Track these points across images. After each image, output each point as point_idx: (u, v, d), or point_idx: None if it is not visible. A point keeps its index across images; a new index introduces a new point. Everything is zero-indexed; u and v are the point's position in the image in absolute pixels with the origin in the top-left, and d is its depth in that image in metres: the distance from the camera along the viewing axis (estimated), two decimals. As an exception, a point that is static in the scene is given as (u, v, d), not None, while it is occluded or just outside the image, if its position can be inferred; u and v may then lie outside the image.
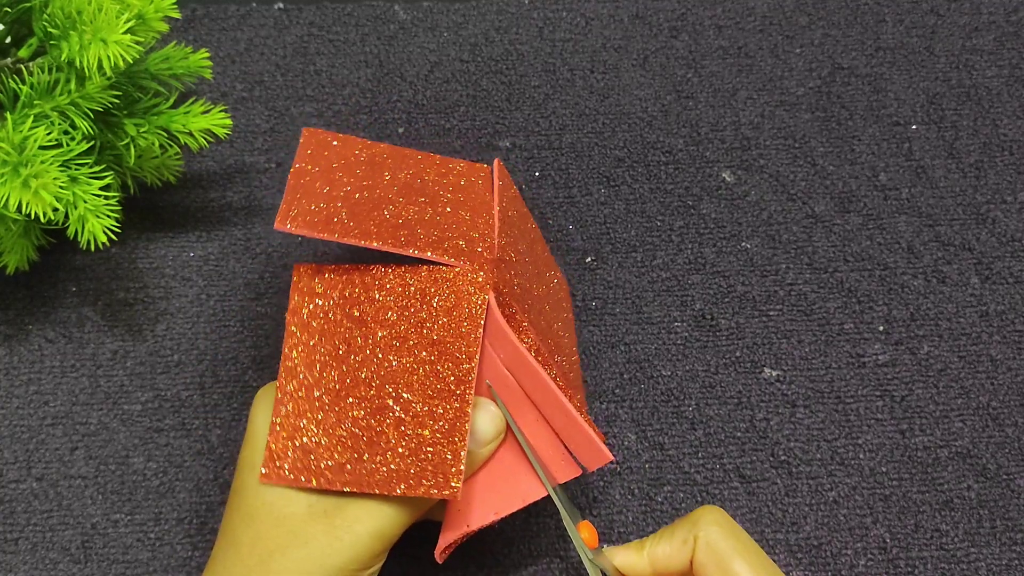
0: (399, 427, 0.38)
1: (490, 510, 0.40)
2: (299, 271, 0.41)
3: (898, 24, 0.64)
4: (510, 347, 0.40)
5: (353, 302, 0.41)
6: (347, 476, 0.38)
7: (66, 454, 0.50)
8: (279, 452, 0.38)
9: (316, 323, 0.40)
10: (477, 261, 0.41)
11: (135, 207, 0.56)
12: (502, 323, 0.40)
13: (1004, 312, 0.54)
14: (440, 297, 0.40)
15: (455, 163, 0.46)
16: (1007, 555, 0.48)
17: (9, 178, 0.42)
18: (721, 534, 0.38)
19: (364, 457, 0.38)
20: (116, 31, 0.43)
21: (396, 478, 0.37)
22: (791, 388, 0.52)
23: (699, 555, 0.38)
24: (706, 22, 0.64)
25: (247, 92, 0.61)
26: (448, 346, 0.39)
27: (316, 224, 0.40)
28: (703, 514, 0.39)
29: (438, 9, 0.64)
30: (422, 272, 0.40)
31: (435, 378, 0.39)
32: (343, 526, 0.37)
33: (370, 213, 0.41)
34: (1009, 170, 0.59)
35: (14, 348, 0.52)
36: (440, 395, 0.39)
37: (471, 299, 0.40)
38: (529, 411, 0.41)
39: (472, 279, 0.40)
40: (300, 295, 0.41)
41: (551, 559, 0.48)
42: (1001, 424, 0.51)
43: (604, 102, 0.61)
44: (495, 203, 0.44)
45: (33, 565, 0.47)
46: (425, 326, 0.40)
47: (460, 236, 0.42)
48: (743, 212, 0.57)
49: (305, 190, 0.42)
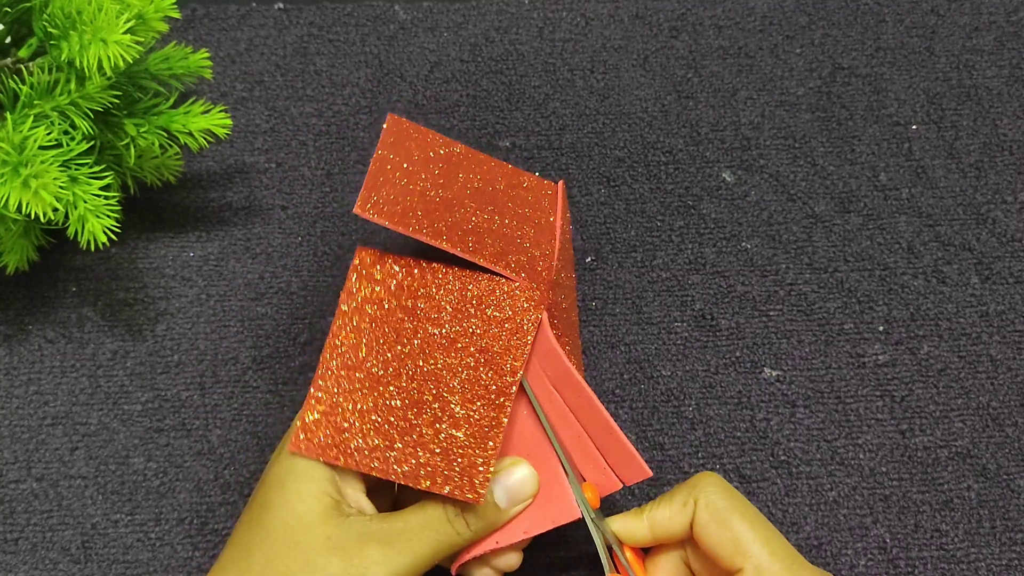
0: (434, 424, 0.39)
1: (520, 529, 0.40)
2: (361, 254, 0.42)
3: (898, 24, 0.64)
4: (560, 365, 0.40)
5: (410, 294, 0.41)
6: (374, 461, 0.38)
7: (66, 454, 0.50)
8: (312, 425, 0.39)
9: (369, 307, 0.41)
10: (536, 279, 0.42)
11: (135, 207, 0.56)
12: (553, 342, 0.40)
13: (1004, 312, 0.54)
14: (495, 307, 0.41)
15: (526, 176, 0.47)
16: (1007, 555, 0.48)
17: (9, 178, 0.42)
18: (720, 495, 0.39)
19: (395, 446, 0.38)
20: (116, 31, 0.43)
21: (424, 474, 0.38)
22: (791, 388, 0.52)
23: (700, 515, 0.39)
24: (706, 22, 0.64)
25: (247, 92, 0.61)
26: (495, 355, 0.40)
27: (393, 215, 0.41)
28: (702, 478, 0.40)
29: (438, 9, 0.64)
30: (482, 280, 0.41)
31: (477, 384, 0.39)
32: (359, 565, 0.37)
33: (443, 214, 0.42)
34: (1009, 170, 0.59)
35: (14, 348, 0.52)
36: (480, 400, 0.39)
37: (525, 314, 0.41)
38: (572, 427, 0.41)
39: (529, 295, 0.41)
40: (359, 277, 0.42)
41: (551, 559, 0.48)
42: (1001, 424, 0.51)
43: (604, 102, 0.61)
44: (557, 226, 0.45)
45: (33, 565, 0.47)
46: (476, 332, 0.40)
47: (522, 252, 0.43)
48: (743, 212, 0.57)
49: (386, 179, 0.42)
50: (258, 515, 0.39)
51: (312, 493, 0.38)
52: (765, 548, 0.38)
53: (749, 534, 0.38)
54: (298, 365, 0.52)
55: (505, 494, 0.40)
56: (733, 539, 0.38)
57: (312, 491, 0.38)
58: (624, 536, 0.42)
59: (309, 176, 0.58)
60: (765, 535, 0.39)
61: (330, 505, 0.38)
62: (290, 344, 0.53)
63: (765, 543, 0.38)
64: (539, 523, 0.40)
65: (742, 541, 0.38)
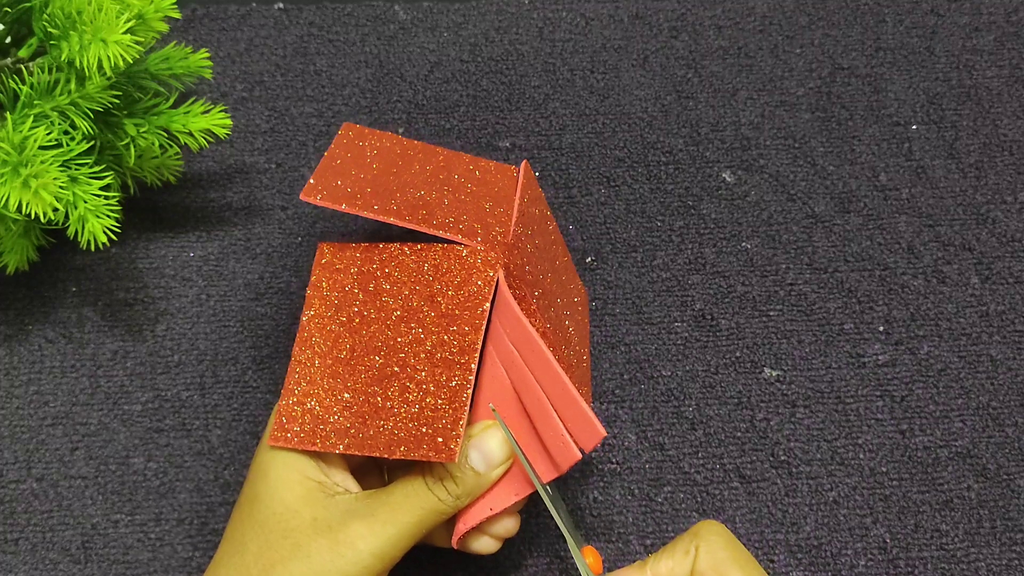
0: (403, 394, 0.40)
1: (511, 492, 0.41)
2: (322, 249, 0.44)
3: (898, 24, 0.64)
4: (515, 321, 0.41)
5: (370, 277, 0.43)
6: (349, 440, 0.39)
7: (66, 454, 0.50)
8: (288, 416, 0.40)
9: (334, 296, 0.43)
10: (490, 243, 0.42)
11: (135, 207, 0.56)
12: (509, 298, 0.41)
13: (1004, 312, 0.54)
14: (451, 273, 0.42)
15: (486, 163, 0.48)
16: (1007, 555, 0.48)
17: (9, 178, 0.42)
18: (722, 545, 0.39)
19: (368, 422, 0.40)
20: (116, 31, 0.43)
21: (397, 441, 0.39)
22: (791, 388, 0.52)
23: (700, 564, 0.39)
24: (706, 22, 0.64)
25: (247, 92, 0.61)
26: (455, 318, 0.41)
27: (340, 198, 0.42)
28: (704, 526, 0.40)
29: (438, 9, 0.64)
30: (436, 249, 0.42)
31: (441, 348, 0.40)
32: (346, 542, 0.37)
33: (393, 194, 0.44)
34: (1009, 170, 0.59)
35: (14, 348, 0.52)
36: (445, 364, 0.40)
37: (481, 274, 0.41)
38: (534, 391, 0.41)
39: (484, 257, 0.42)
40: (321, 269, 0.43)
41: (551, 559, 0.48)
42: (1001, 424, 0.51)
43: (604, 102, 0.61)
44: (516, 196, 0.45)
45: (33, 565, 0.47)
46: (435, 299, 0.42)
47: (477, 220, 0.43)
48: (743, 212, 0.57)
49: (335, 171, 0.44)
50: (247, 508, 0.39)
51: (296, 479, 0.39)
52: None
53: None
54: (298, 365, 0.52)
55: (482, 458, 0.40)
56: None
57: (295, 477, 0.39)
58: None
59: (309, 176, 0.58)
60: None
61: (314, 488, 0.39)
62: (290, 344, 0.53)
63: None
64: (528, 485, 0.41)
65: None
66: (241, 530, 0.39)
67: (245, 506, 0.40)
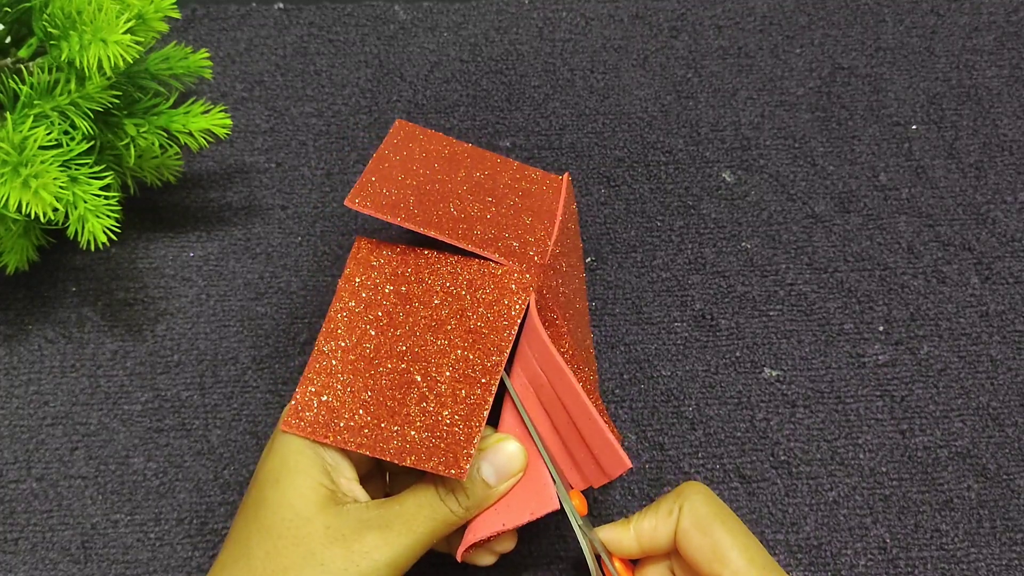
0: (421, 403, 0.40)
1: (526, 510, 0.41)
2: (359, 243, 0.44)
3: (898, 24, 0.64)
4: (542, 348, 0.41)
5: (404, 280, 0.43)
6: (362, 439, 0.39)
7: (66, 454, 0.50)
8: (305, 405, 0.40)
9: (365, 292, 0.43)
10: (526, 263, 0.43)
11: (135, 207, 0.56)
12: (537, 324, 0.41)
13: (1004, 312, 0.54)
14: (485, 290, 0.42)
15: (532, 170, 0.48)
16: (1007, 555, 0.48)
17: (9, 178, 0.42)
18: (704, 502, 0.40)
19: (382, 425, 0.40)
20: (116, 31, 0.43)
21: (408, 450, 0.39)
22: (791, 388, 0.52)
23: (683, 522, 0.40)
24: (706, 22, 0.64)
25: (247, 92, 0.61)
26: (483, 337, 0.41)
27: (383, 207, 0.43)
28: (687, 486, 0.41)
29: (438, 9, 0.64)
30: (473, 264, 0.43)
31: (465, 364, 0.41)
32: (361, 552, 0.37)
33: (436, 204, 0.44)
34: (1009, 170, 0.59)
35: (14, 348, 0.52)
36: (466, 380, 0.40)
37: (513, 297, 0.42)
38: (560, 412, 0.41)
39: (518, 279, 0.42)
40: (356, 264, 0.43)
41: (551, 559, 0.48)
42: (1001, 424, 0.51)
43: (604, 102, 0.61)
44: (558, 214, 0.46)
45: (33, 565, 0.47)
46: (466, 314, 0.42)
47: (516, 237, 0.44)
48: (743, 212, 0.57)
49: (381, 175, 0.44)
50: (254, 512, 0.39)
51: (307, 485, 0.39)
52: (743, 555, 0.38)
53: (729, 541, 0.39)
54: (298, 365, 0.52)
55: (493, 470, 0.40)
56: (713, 546, 0.39)
57: (307, 484, 0.39)
58: (612, 546, 0.42)
59: (309, 176, 0.58)
60: (744, 543, 0.39)
61: (326, 496, 0.39)
62: (290, 344, 0.53)
63: (743, 551, 0.39)
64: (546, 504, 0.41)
65: (721, 548, 0.39)
66: (247, 534, 0.39)
67: (251, 510, 0.39)
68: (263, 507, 0.39)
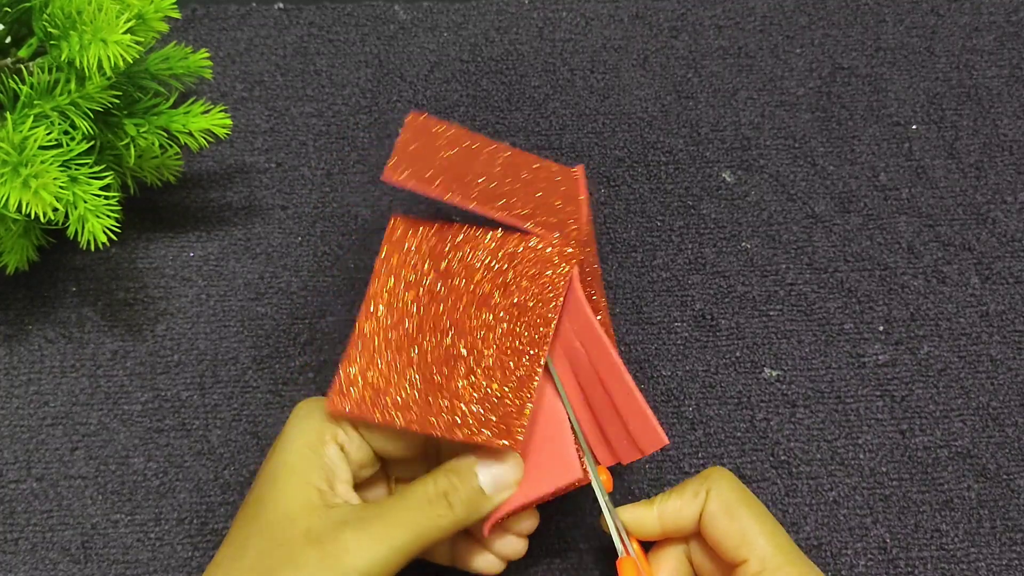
0: (469, 376, 0.40)
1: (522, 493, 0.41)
2: (394, 223, 0.44)
3: (898, 24, 0.64)
4: (584, 319, 0.41)
5: (443, 256, 0.43)
6: (411, 415, 0.39)
7: (66, 454, 0.50)
8: (349, 383, 0.40)
9: (404, 271, 0.43)
10: (566, 237, 0.43)
11: (135, 207, 0.56)
12: (580, 294, 0.41)
13: (1004, 312, 0.54)
14: (527, 263, 0.42)
15: (549, 163, 0.49)
16: (1007, 555, 0.48)
17: (9, 178, 0.42)
18: (731, 487, 0.40)
19: (429, 400, 0.40)
20: (116, 31, 0.43)
21: (458, 424, 0.39)
22: (791, 388, 0.52)
23: (710, 505, 0.40)
24: (706, 22, 0.64)
25: (247, 92, 0.61)
26: (528, 310, 0.41)
27: (421, 181, 0.43)
28: (714, 471, 0.41)
29: (438, 9, 0.64)
30: (513, 237, 0.43)
31: (511, 337, 0.41)
32: (333, 554, 0.36)
33: (471, 182, 0.44)
34: (1009, 170, 0.59)
35: (14, 348, 0.52)
36: (514, 352, 0.40)
37: (556, 269, 0.42)
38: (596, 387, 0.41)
39: (560, 251, 0.42)
40: (391, 245, 0.43)
41: (551, 559, 0.48)
42: (1001, 424, 0.51)
43: (604, 102, 0.61)
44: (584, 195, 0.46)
45: (33, 565, 0.47)
46: (509, 288, 0.42)
47: (552, 214, 0.44)
48: (743, 212, 0.57)
49: (411, 155, 0.44)
50: (252, 512, 0.39)
51: (300, 487, 0.38)
52: (771, 542, 0.39)
53: (756, 527, 0.39)
54: (298, 365, 0.52)
55: (491, 480, 0.40)
56: (740, 531, 0.39)
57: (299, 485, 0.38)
58: (633, 527, 0.42)
59: (309, 176, 0.58)
60: (771, 529, 0.39)
61: (315, 498, 0.38)
62: (290, 344, 0.53)
63: (771, 537, 0.39)
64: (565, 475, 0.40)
65: (749, 533, 0.39)
66: (244, 533, 0.38)
67: (251, 507, 0.39)
68: (260, 506, 0.39)
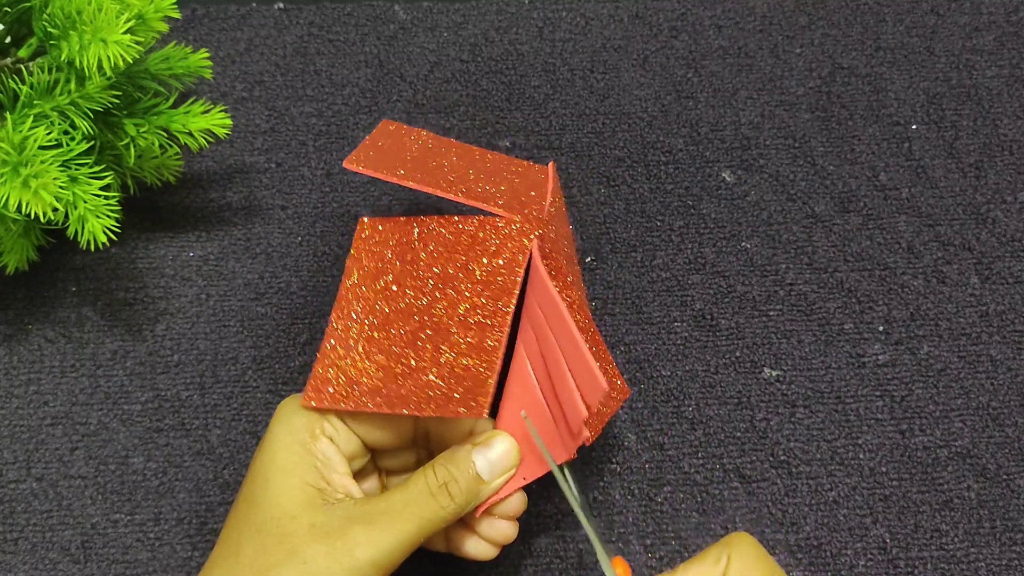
0: (436, 354, 0.41)
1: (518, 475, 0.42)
2: (362, 224, 0.46)
3: (898, 24, 0.64)
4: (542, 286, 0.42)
5: (408, 248, 0.44)
6: (380, 397, 0.40)
7: (66, 454, 0.50)
8: (323, 379, 0.41)
9: (372, 266, 0.44)
10: (525, 217, 0.44)
11: (135, 207, 0.56)
12: (539, 264, 0.42)
13: (1004, 312, 0.54)
14: (488, 241, 0.44)
15: (519, 160, 0.50)
16: (1007, 555, 0.48)
17: (9, 178, 0.42)
18: (752, 554, 0.39)
19: (400, 382, 0.41)
20: (116, 31, 0.43)
21: (427, 400, 0.39)
22: (791, 388, 0.52)
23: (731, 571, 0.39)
24: (706, 22, 0.64)
25: (247, 92, 0.61)
26: (490, 284, 0.42)
27: (381, 169, 0.45)
28: (737, 536, 0.40)
29: (438, 9, 0.64)
30: (473, 220, 0.44)
31: (475, 311, 0.42)
32: (343, 549, 0.37)
33: (434, 172, 0.46)
34: (1009, 170, 0.59)
35: (14, 348, 0.52)
36: (479, 327, 0.42)
37: (516, 243, 0.43)
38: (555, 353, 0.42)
39: (520, 226, 0.44)
40: (361, 243, 0.45)
41: (551, 559, 0.48)
42: (1001, 424, 0.51)
43: (604, 102, 0.61)
44: (549, 183, 0.47)
45: (33, 565, 0.47)
46: (469, 267, 0.43)
47: (513, 198, 0.45)
48: (743, 212, 0.57)
49: (376, 149, 0.47)
50: (244, 511, 0.39)
51: (295, 485, 0.38)
52: None
53: None
54: (298, 365, 0.52)
55: (488, 466, 0.40)
56: None
57: (295, 483, 0.39)
58: None
59: (309, 176, 0.58)
60: None
61: (314, 494, 0.38)
62: (290, 344, 0.53)
63: None
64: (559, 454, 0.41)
65: None
66: (237, 532, 0.39)
67: (242, 508, 0.39)
68: (252, 506, 0.39)
